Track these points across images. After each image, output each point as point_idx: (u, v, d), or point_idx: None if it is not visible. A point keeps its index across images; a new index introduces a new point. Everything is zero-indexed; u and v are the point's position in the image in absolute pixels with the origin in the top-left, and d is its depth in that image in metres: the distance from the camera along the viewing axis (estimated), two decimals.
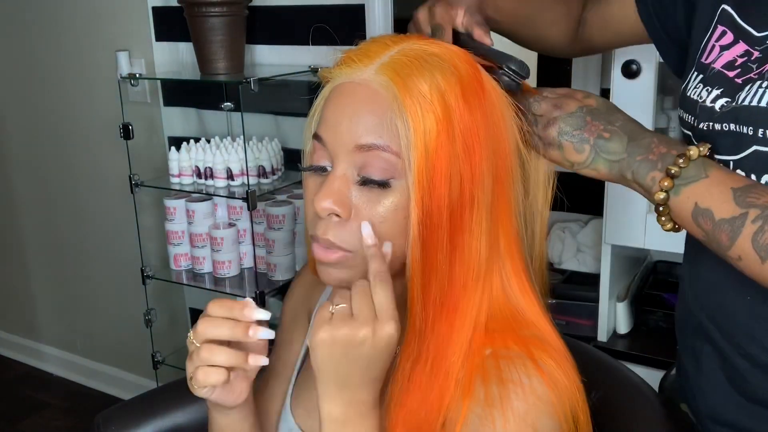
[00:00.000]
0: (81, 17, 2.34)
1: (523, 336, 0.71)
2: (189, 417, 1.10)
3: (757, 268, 0.67)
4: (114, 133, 2.09)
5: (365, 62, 0.70)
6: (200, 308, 2.46)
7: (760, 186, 0.69)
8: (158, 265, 2.17)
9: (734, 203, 0.68)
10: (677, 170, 0.71)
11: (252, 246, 1.97)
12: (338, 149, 0.70)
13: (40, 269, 2.85)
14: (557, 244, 1.88)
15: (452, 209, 0.69)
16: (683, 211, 0.72)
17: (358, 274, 0.72)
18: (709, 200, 0.69)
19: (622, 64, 1.44)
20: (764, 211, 0.66)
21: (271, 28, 2.04)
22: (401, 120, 0.67)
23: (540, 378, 0.67)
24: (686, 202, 0.71)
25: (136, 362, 2.60)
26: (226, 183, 1.92)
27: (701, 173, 0.70)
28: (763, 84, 0.72)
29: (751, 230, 0.66)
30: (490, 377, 0.68)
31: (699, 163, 0.71)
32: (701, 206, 0.70)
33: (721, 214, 0.68)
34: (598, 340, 1.63)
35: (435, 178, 0.68)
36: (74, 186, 2.59)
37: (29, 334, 2.98)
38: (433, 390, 0.70)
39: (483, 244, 0.71)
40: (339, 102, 0.71)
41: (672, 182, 0.71)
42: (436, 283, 0.70)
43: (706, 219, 0.70)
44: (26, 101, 2.62)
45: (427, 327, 0.71)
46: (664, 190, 0.71)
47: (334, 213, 0.70)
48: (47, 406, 2.72)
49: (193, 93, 2.26)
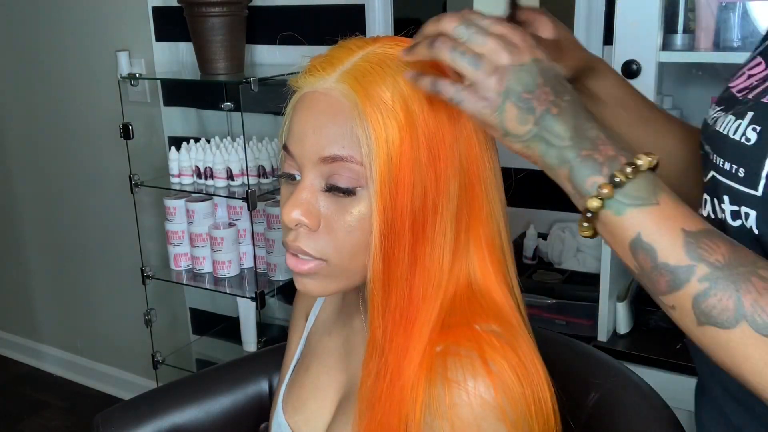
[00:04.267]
0: (81, 17, 2.34)
1: (477, 331, 0.68)
2: (189, 417, 1.10)
3: (690, 327, 0.60)
4: (114, 133, 2.09)
5: (328, 70, 0.69)
6: (200, 308, 2.47)
7: (714, 234, 0.60)
8: (158, 265, 2.17)
9: (683, 251, 0.59)
10: (623, 179, 0.60)
11: (252, 246, 1.97)
12: (304, 161, 0.70)
13: (40, 269, 2.85)
14: (557, 244, 1.88)
15: (414, 218, 0.67)
16: (620, 234, 0.62)
17: (333, 283, 0.72)
18: (656, 237, 0.60)
19: (622, 64, 1.44)
20: (714, 271, 0.58)
21: (271, 28, 2.04)
22: (362, 129, 0.66)
23: (486, 379, 0.65)
24: (628, 227, 0.61)
25: (136, 362, 2.60)
26: (226, 183, 1.92)
27: (651, 197, 0.60)
28: (741, 111, 0.69)
29: (695, 289, 0.58)
30: (436, 377, 0.66)
31: (650, 181, 0.61)
32: (644, 240, 0.60)
33: (666, 259, 0.59)
34: (598, 340, 1.63)
35: (398, 187, 0.66)
36: (74, 186, 2.59)
37: (29, 334, 2.98)
38: (393, 404, 0.69)
39: (446, 254, 0.69)
40: (303, 113, 0.70)
41: (612, 191, 0.60)
42: (397, 293, 0.69)
43: (647, 257, 0.60)
44: (26, 101, 2.62)
45: (386, 340, 0.70)
46: (602, 198, 0.61)
47: (302, 224, 0.70)
48: (47, 406, 2.72)
49: (193, 93, 2.26)
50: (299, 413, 0.87)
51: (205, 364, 2.29)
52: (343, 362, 0.84)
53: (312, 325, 0.93)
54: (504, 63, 0.61)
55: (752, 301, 0.57)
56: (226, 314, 2.39)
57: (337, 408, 0.83)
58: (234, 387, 1.14)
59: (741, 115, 0.69)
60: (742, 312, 0.57)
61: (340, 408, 0.82)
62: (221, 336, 2.38)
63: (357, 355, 0.79)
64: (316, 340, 0.90)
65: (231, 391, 1.13)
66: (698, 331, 0.60)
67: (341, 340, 0.85)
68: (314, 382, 0.87)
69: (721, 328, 0.58)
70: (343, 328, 0.86)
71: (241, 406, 1.13)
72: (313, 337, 0.91)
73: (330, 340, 0.87)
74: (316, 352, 0.89)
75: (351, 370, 0.82)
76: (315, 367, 0.87)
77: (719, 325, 0.58)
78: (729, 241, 0.60)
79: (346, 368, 0.83)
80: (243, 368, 1.17)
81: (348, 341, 0.84)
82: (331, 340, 0.87)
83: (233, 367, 1.19)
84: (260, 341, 2.07)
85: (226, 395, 1.13)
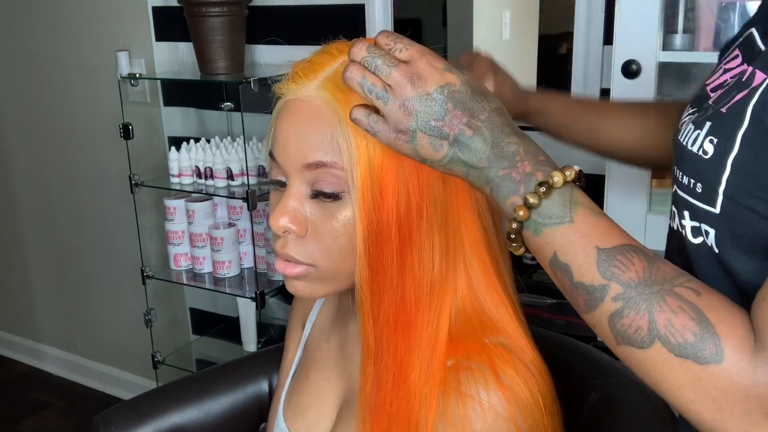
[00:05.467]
0: (81, 17, 2.34)
1: (487, 345, 0.70)
2: (189, 417, 1.10)
3: (611, 345, 0.59)
4: (114, 133, 2.09)
5: (310, 77, 0.70)
6: (200, 308, 2.47)
7: (630, 250, 0.58)
8: (158, 265, 2.17)
9: (597, 269, 0.57)
10: (536, 201, 0.59)
11: (252, 246, 1.97)
12: (289, 168, 0.70)
13: (39, 269, 2.85)
14: None
15: (400, 224, 0.67)
16: (540, 254, 0.61)
17: (323, 286, 0.73)
18: (571, 256, 0.58)
19: (622, 64, 1.44)
20: (627, 290, 0.56)
21: (271, 28, 2.04)
22: (343, 137, 0.67)
23: (498, 392, 0.66)
24: (545, 247, 0.60)
25: (136, 362, 2.60)
26: (226, 183, 1.92)
27: (566, 215, 0.59)
28: (701, 119, 0.66)
29: (609, 309, 0.57)
30: (450, 390, 0.67)
31: (566, 197, 0.59)
32: (560, 259, 0.59)
33: (581, 278, 0.58)
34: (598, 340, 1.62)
35: (382, 193, 0.67)
36: (74, 186, 2.59)
37: (29, 334, 2.98)
38: (400, 410, 0.69)
39: (436, 256, 0.69)
40: (285, 121, 0.70)
41: (528, 213, 0.59)
42: (388, 299, 0.69)
43: (564, 276, 0.59)
44: (26, 101, 2.62)
45: (381, 346, 0.70)
46: (519, 220, 0.60)
47: (290, 230, 0.70)
48: (47, 406, 2.72)
49: (193, 93, 2.26)
50: (301, 420, 0.87)
51: (205, 364, 2.29)
52: (341, 367, 0.84)
53: (309, 331, 0.93)
54: (408, 95, 0.61)
55: (666, 321, 0.54)
56: (226, 314, 2.39)
57: (338, 414, 0.83)
58: (234, 387, 1.14)
59: (700, 125, 0.66)
60: (656, 332, 0.55)
61: (341, 414, 0.82)
62: (221, 336, 2.38)
63: (354, 359, 0.80)
64: (315, 347, 0.90)
65: (231, 391, 1.13)
66: (618, 349, 0.59)
67: (338, 345, 0.85)
68: (314, 388, 0.87)
69: (637, 348, 0.56)
70: (339, 333, 0.86)
71: (241, 406, 1.13)
72: (312, 343, 0.91)
73: (328, 345, 0.87)
74: (314, 358, 0.89)
75: (349, 375, 0.82)
76: (314, 373, 0.87)
77: (635, 345, 0.56)
78: (647, 257, 0.58)
79: (344, 373, 0.83)
80: (243, 368, 1.17)
81: (344, 346, 0.84)
82: (328, 346, 0.87)
83: (233, 367, 1.19)
84: (260, 341, 2.08)
85: (226, 395, 1.13)
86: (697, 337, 0.53)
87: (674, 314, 0.54)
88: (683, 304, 0.54)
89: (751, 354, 0.52)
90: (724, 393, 0.53)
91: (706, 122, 0.65)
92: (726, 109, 0.63)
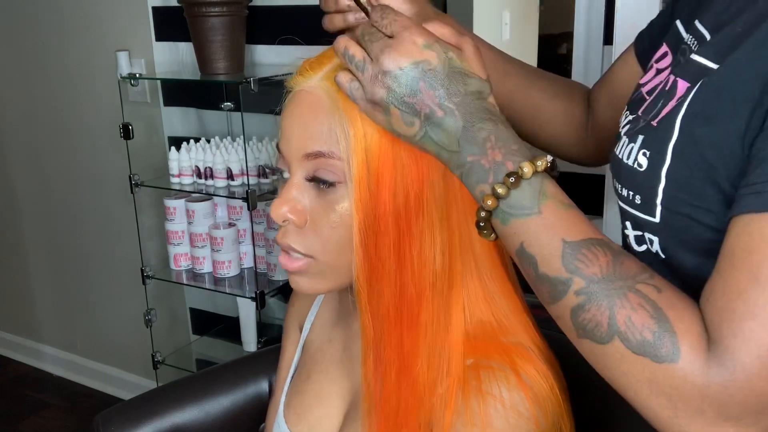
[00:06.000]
0: (81, 17, 2.34)
1: (505, 344, 0.70)
2: (189, 417, 1.10)
3: (573, 338, 0.60)
4: (114, 133, 2.09)
5: (316, 70, 0.71)
6: (200, 308, 2.47)
7: (596, 244, 0.58)
8: (158, 265, 2.18)
9: (561, 263, 0.57)
10: (504, 192, 0.59)
11: (252, 246, 1.97)
12: (291, 158, 0.71)
13: (40, 269, 2.85)
14: None
15: (398, 216, 0.67)
16: (508, 243, 0.61)
17: (324, 281, 0.73)
18: (537, 247, 0.58)
19: None
20: (589, 285, 0.56)
21: (271, 28, 2.04)
22: (341, 127, 0.67)
23: (521, 392, 0.66)
24: (513, 237, 0.60)
25: (136, 362, 2.60)
26: (226, 183, 1.92)
27: (534, 206, 0.59)
28: (634, 131, 0.66)
29: (572, 302, 0.57)
30: (470, 389, 0.67)
31: (535, 188, 0.59)
32: (527, 250, 0.59)
33: (545, 270, 0.58)
34: None
35: (378, 184, 0.67)
36: (74, 186, 2.59)
37: (29, 334, 2.98)
38: (406, 404, 0.70)
39: (438, 251, 0.69)
40: (290, 112, 0.71)
41: (496, 202, 0.59)
42: (388, 292, 0.69)
43: (530, 267, 0.60)
44: (26, 101, 2.62)
45: (382, 340, 0.70)
46: (487, 209, 0.60)
47: (289, 220, 0.71)
48: (47, 406, 2.72)
49: (193, 93, 2.26)
50: (303, 421, 0.86)
51: (205, 364, 2.29)
52: (346, 368, 0.84)
53: (308, 333, 0.92)
54: (384, 68, 0.62)
55: (626, 318, 0.55)
56: (226, 314, 2.39)
57: (345, 415, 0.82)
58: (234, 387, 1.14)
59: (633, 139, 0.66)
60: (616, 329, 0.55)
61: (350, 415, 0.81)
62: (221, 336, 2.39)
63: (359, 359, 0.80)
64: (316, 348, 0.90)
65: (231, 391, 1.14)
66: (578, 342, 0.59)
67: (342, 346, 0.85)
68: (317, 389, 0.86)
69: (597, 342, 0.57)
70: (343, 333, 0.86)
71: (241, 406, 1.13)
72: (312, 345, 0.91)
73: (330, 346, 0.87)
74: (315, 360, 0.89)
75: (356, 376, 0.81)
76: (316, 375, 0.87)
77: (595, 339, 0.57)
78: (613, 252, 0.58)
79: (350, 374, 0.83)
80: (243, 368, 1.17)
81: (349, 347, 0.84)
82: (331, 347, 0.87)
83: (233, 367, 1.19)
84: (260, 341, 2.08)
85: (226, 395, 1.13)
86: (656, 335, 0.54)
87: (634, 311, 0.55)
88: (643, 302, 0.55)
89: (705, 353, 0.53)
90: (678, 391, 0.54)
91: (639, 135, 0.66)
92: (657, 123, 0.64)
